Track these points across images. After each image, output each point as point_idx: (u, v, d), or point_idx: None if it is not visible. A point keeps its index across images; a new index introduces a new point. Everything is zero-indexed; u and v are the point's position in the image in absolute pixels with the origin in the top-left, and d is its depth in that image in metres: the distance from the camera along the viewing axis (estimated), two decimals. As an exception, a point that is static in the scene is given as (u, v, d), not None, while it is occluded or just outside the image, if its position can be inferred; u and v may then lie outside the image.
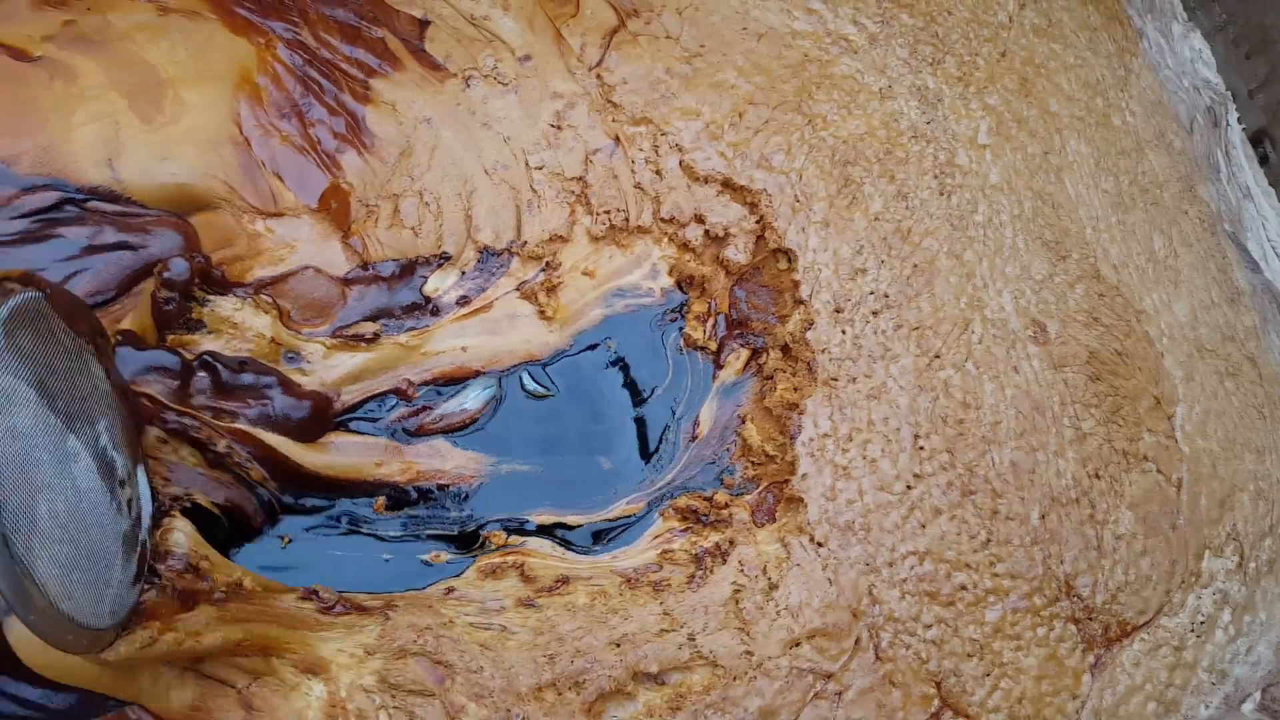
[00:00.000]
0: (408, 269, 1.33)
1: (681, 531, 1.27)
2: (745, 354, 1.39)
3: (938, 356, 1.36)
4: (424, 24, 1.44)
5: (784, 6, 1.53)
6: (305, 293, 1.28)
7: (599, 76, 1.45)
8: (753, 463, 1.32)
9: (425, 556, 1.22)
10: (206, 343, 1.19)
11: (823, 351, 1.34)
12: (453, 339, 1.31)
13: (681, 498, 1.29)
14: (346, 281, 1.29)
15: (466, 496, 1.27)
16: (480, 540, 1.24)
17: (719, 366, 1.38)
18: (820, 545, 1.24)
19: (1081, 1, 1.65)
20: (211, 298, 1.22)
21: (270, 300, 1.25)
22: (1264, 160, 1.55)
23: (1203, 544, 1.33)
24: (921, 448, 1.31)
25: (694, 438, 1.34)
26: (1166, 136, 1.57)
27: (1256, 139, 1.56)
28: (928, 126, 1.49)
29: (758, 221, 1.40)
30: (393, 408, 1.28)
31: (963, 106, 1.52)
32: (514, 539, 1.24)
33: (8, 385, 0.86)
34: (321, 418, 1.23)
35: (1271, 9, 1.50)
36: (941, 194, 1.45)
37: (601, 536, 1.28)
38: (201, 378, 1.15)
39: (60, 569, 0.85)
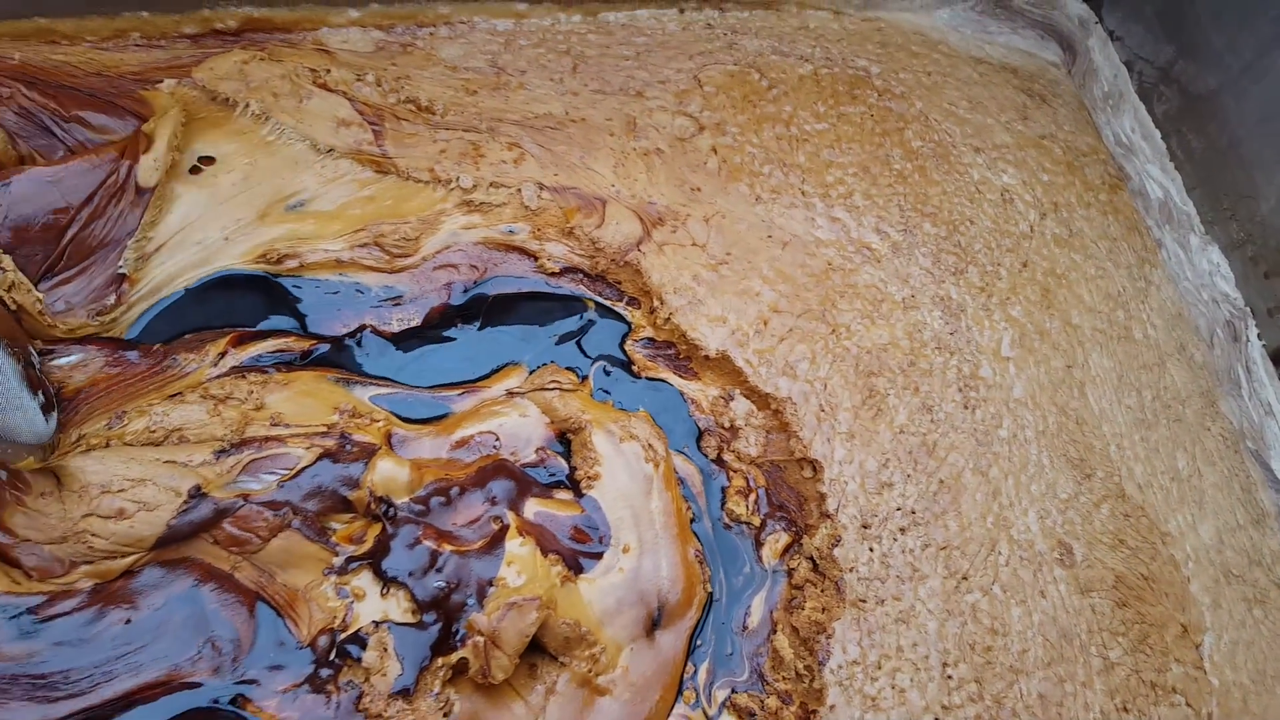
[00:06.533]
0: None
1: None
2: (786, 539, 1.38)
3: (965, 578, 1.35)
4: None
5: (808, 215, 1.56)
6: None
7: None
8: (784, 677, 1.30)
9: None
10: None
11: (850, 570, 1.33)
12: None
13: (743, 695, 1.27)
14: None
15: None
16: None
17: (759, 545, 1.37)
18: (850, 789, 1.21)
19: (1101, 212, 1.68)
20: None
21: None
22: (1285, 378, 1.56)
23: (1237, 787, 1.30)
24: (950, 676, 1.29)
25: (744, 628, 1.33)
26: (1187, 350, 1.59)
27: (1277, 357, 1.57)
28: (951, 337, 1.51)
29: (777, 423, 1.41)
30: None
31: (986, 318, 1.54)
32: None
33: None
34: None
35: (1289, 234, 1.53)
36: (966, 407, 1.46)
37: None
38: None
39: None
